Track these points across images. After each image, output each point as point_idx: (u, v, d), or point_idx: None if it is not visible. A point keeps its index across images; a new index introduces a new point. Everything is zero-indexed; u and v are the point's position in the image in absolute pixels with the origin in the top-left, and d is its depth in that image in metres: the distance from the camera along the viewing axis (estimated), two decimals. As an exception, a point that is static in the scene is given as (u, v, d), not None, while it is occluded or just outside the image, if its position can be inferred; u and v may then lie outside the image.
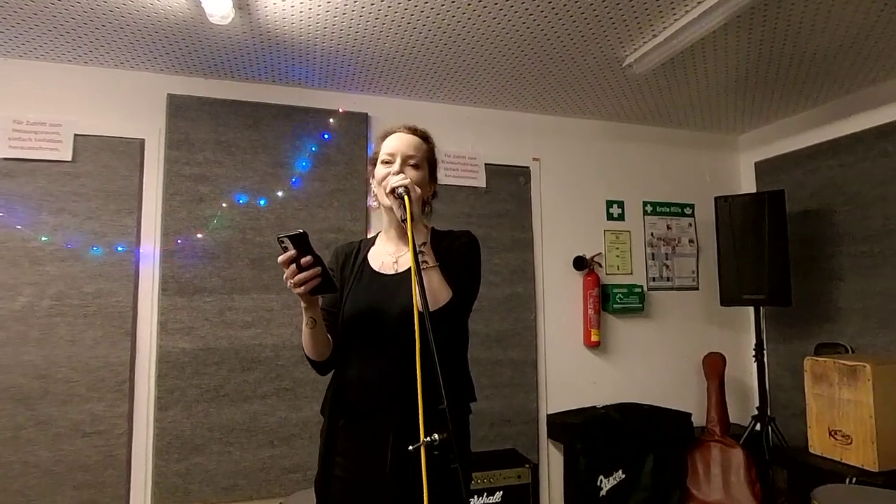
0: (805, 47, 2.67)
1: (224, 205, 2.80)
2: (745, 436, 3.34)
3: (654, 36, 2.51)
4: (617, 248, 3.72)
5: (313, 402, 2.76)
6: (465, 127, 3.37)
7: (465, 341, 1.49)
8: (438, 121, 3.29)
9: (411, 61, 2.73)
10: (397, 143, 1.43)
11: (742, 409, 3.74)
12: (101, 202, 2.60)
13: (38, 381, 2.43)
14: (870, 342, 3.16)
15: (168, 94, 2.75)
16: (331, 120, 3.03)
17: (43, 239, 2.47)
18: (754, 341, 3.49)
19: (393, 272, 1.44)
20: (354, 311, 1.40)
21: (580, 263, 3.52)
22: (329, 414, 1.44)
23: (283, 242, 1.22)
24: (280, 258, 1.22)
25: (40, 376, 2.43)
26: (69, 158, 2.54)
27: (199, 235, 2.75)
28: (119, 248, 2.61)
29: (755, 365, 3.46)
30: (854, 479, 2.51)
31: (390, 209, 1.40)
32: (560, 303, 3.51)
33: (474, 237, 1.53)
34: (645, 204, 3.85)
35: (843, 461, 2.66)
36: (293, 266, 1.23)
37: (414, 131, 1.48)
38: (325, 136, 3.02)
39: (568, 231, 3.58)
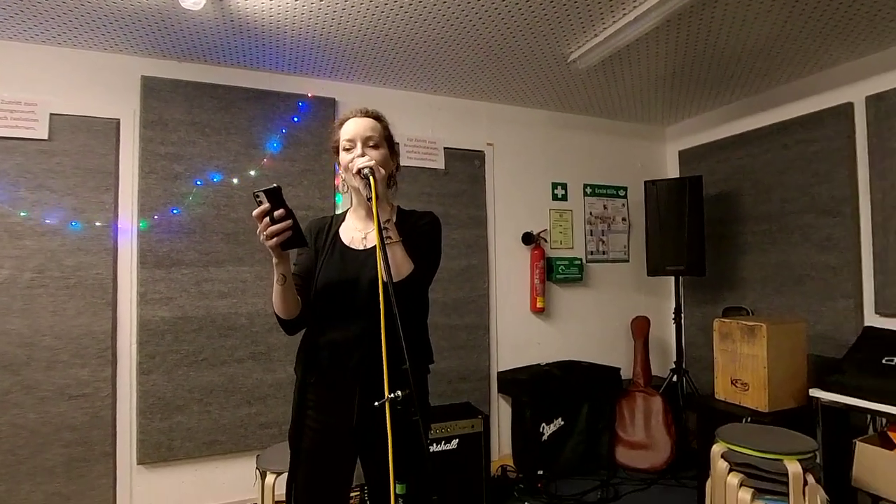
0: (722, 52, 2.80)
1: (199, 183, 2.76)
2: (664, 386, 3.55)
3: (596, 35, 2.57)
4: (560, 225, 3.82)
5: (286, 364, 2.82)
6: (425, 113, 3.38)
7: (425, 310, 1.51)
8: (401, 107, 3.29)
9: (376, 50, 2.71)
10: (355, 128, 1.41)
11: (662, 364, 3.96)
12: (79, 179, 2.52)
13: (23, 349, 2.39)
14: (766, 306, 3.41)
15: (142, 76, 2.65)
16: (300, 104, 2.99)
17: (22, 214, 2.40)
18: (674, 306, 3.68)
19: (362, 247, 1.44)
20: (327, 281, 1.41)
21: (528, 238, 3.61)
22: (301, 372, 1.45)
23: (258, 197, 1.20)
24: (254, 212, 1.20)
25: (25, 344, 2.39)
26: (45, 137, 2.44)
27: (175, 211, 2.71)
28: (97, 224, 2.55)
29: (674, 326, 3.66)
30: (749, 419, 2.64)
31: (358, 190, 1.40)
32: (510, 274, 3.60)
33: (437, 217, 1.54)
34: (585, 186, 3.95)
35: (741, 404, 2.76)
36: (266, 219, 1.20)
37: (367, 113, 1.46)
38: (295, 119, 2.99)
39: (517, 209, 3.66)
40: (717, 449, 2.30)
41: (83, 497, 2.48)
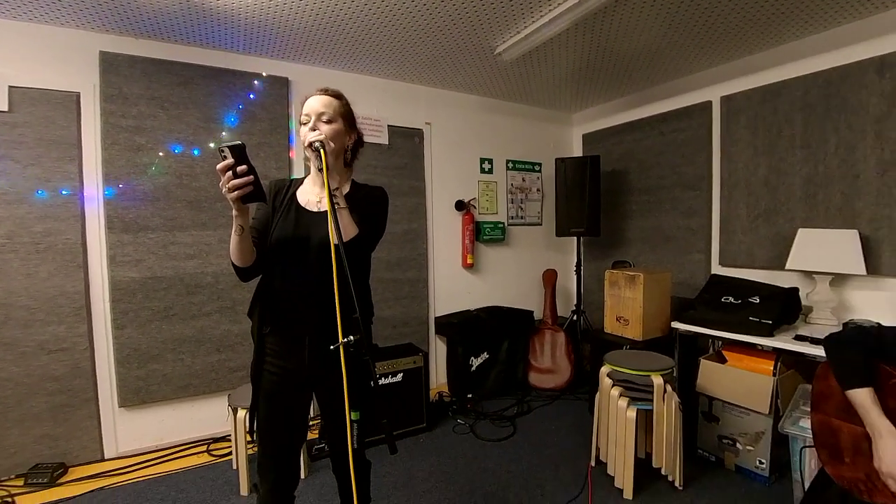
0: (617, 55, 2.95)
1: (160, 154, 2.63)
2: (566, 323, 3.82)
3: (518, 32, 2.61)
4: (487, 195, 3.93)
5: (251, 316, 2.85)
6: (371, 94, 3.32)
7: (367, 271, 1.49)
8: (350, 87, 3.07)
9: (326, 35, 2.63)
10: (311, 104, 1.36)
11: (565, 306, 4.24)
12: (42, 150, 2.34)
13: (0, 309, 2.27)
14: (644, 260, 3.73)
15: (100, 52, 2.45)
16: (255, 82, 2.87)
17: (-13, 183, 2.22)
18: (576, 260, 3.91)
19: (316, 210, 1.40)
20: (282, 237, 1.37)
21: (460, 206, 3.72)
22: (258, 321, 1.41)
23: (223, 152, 1.12)
24: (218, 165, 1.13)
25: (0, 305, 2.27)
26: (5, 109, 2.24)
27: (139, 180, 2.58)
28: (63, 192, 2.41)
29: (575, 276, 3.90)
30: (628, 346, 2.83)
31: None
32: (445, 235, 3.70)
33: (385, 192, 1.52)
34: (507, 161, 4.06)
35: (623, 336, 2.96)
36: (229, 173, 1.14)
37: (325, 91, 1.39)
38: (251, 96, 2.88)
39: (451, 181, 3.73)
40: (604, 370, 2.46)
41: (71, 437, 2.45)
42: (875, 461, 1.29)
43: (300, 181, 1.50)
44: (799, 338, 2.30)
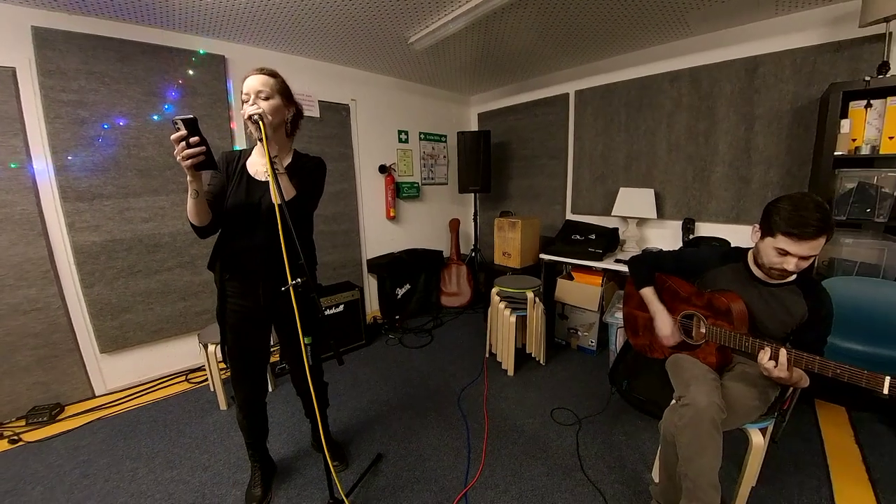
0: (502, 51, 3.06)
1: (106, 126, 2.38)
2: (467, 259, 4.12)
3: (427, 27, 2.59)
4: (404, 160, 3.99)
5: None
6: (304, 73, 3.20)
7: (310, 227, 1.51)
8: (285, 66, 2.90)
9: (259, 18, 2.44)
10: (249, 83, 1.31)
11: (466, 246, 4.52)
12: None
13: (-33, 278, 2.03)
14: (522, 210, 4.04)
15: (32, 27, 2.10)
16: (193, 59, 2.64)
17: (-70, 160, 1.90)
18: (473, 211, 4.14)
19: (263, 179, 1.38)
20: (237, 202, 1.36)
21: (383, 169, 3.75)
22: (220, 271, 1.43)
23: (176, 124, 1.06)
24: (172, 136, 1.08)
25: (-33, 275, 2.03)
26: (-64, 85, 1.88)
27: (87, 152, 2.34)
28: (12, 165, 2.14)
29: (473, 223, 4.13)
30: (510, 273, 3.06)
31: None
32: (371, 193, 3.73)
33: (323, 161, 1.49)
34: (420, 133, 4.10)
35: (507, 265, 3.17)
36: (182, 143, 1.09)
37: (262, 71, 1.33)
38: (190, 73, 2.65)
39: (375, 148, 3.72)
40: (495, 290, 2.68)
41: (61, 382, 2.38)
42: (656, 330, 1.66)
43: (248, 152, 1.45)
44: (617, 261, 2.78)
